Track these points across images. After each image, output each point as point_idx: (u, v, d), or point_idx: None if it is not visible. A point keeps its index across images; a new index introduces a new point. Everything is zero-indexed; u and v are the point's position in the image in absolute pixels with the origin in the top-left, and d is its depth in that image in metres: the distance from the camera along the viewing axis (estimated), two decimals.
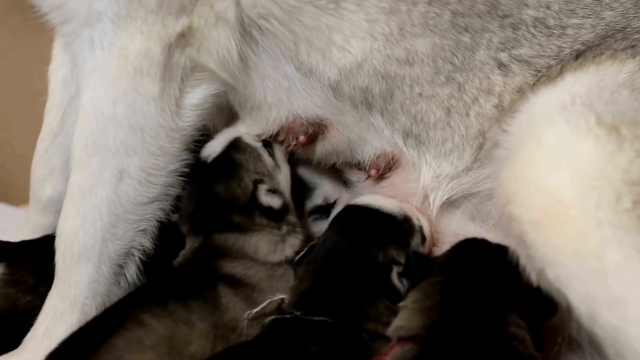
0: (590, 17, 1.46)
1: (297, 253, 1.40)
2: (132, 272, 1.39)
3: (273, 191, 1.40)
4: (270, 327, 1.25)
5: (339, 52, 1.41)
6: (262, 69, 1.44)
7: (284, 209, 1.41)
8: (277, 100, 1.47)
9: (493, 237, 1.30)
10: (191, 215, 1.42)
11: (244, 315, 1.31)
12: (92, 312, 1.35)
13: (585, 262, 1.14)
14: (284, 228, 1.41)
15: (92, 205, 1.33)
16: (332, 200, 1.59)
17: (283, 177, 1.46)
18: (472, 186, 1.48)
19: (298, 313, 1.25)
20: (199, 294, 1.29)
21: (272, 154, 1.47)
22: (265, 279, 1.36)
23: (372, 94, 1.45)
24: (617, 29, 1.45)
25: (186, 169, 1.41)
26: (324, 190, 1.60)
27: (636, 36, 1.44)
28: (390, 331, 1.18)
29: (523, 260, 1.21)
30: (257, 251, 1.38)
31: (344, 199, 1.59)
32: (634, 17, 1.47)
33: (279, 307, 1.33)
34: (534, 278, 1.18)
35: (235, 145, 1.44)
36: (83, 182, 1.34)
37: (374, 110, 1.47)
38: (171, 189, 1.40)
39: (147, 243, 1.39)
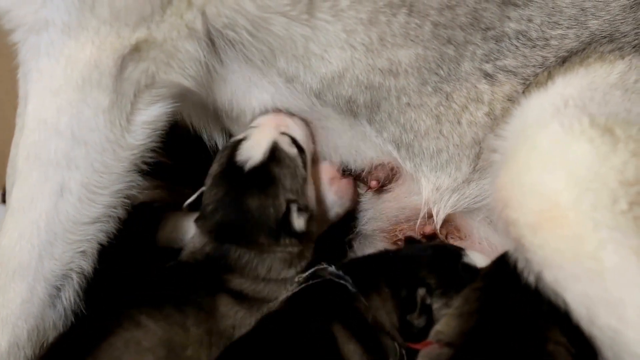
0: (574, 28, 1.46)
1: (308, 264, 1.39)
2: (69, 295, 1.31)
3: (302, 209, 1.36)
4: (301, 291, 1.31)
5: (318, 62, 1.40)
6: (243, 76, 1.43)
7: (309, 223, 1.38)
8: (262, 105, 1.46)
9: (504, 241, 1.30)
10: (218, 224, 1.36)
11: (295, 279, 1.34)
12: (23, 335, 1.28)
13: (582, 264, 1.14)
14: (303, 243, 1.38)
15: (30, 221, 1.27)
16: None
17: (310, 188, 1.43)
18: (477, 197, 1.48)
19: (329, 276, 1.29)
20: (195, 300, 1.27)
21: (305, 163, 1.42)
22: (275, 290, 1.35)
23: (356, 104, 1.44)
24: (603, 36, 1.46)
25: (132, 192, 1.34)
26: None
27: (624, 39, 1.45)
28: (432, 335, 1.21)
29: (522, 264, 1.21)
30: (270, 271, 1.35)
31: None
32: (622, 22, 1.47)
33: (316, 271, 1.35)
34: (532, 281, 1.19)
35: (276, 155, 1.38)
36: (24, 195, 1.28)
37: (361, 118, 1.46)
38: (114, 210, 1.33)
39: (86, 266, 1.32)
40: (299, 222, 1.34)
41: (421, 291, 1.29)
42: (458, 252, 1.39)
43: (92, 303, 1.33)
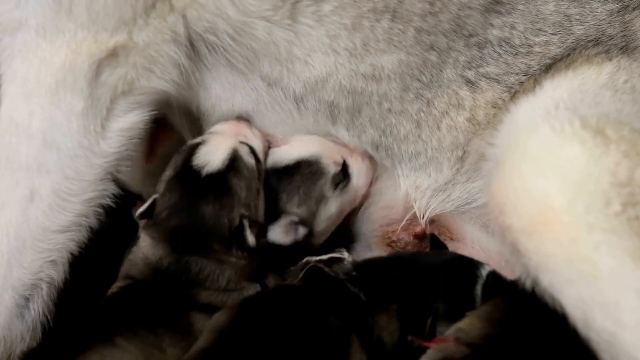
0: (558, 34, 1.46)
1: (257, 273, 1.38)
2: (37, 306, 1.28)
3: (253, 222, 1.34)
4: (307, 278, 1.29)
5: (302, 66, 1.40)
6: (227, 81, 1.42)
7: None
8: (243, 111, 1.46)
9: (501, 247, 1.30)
10: (172, 231, 1.32)
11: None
12: None
13: (577, 267, 1.14)
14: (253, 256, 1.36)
15: (0, 227, 1.25)
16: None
17: (261, 200, 1.40)
18: (467, 200, 1.48)
19: (343, 276, 1.28)
20: (168, 322, 1.24)
21: (260, 174, 1.41)
22: (237, 297, 1.32)
23: (338, 109, 1.44)
24: (589, 40, 1.46)
25: (104, 201, 1.31)
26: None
27: (611, 42, 1.45)
28: (451, 331, 1.21)
29: (518, 270, 1.21)
30: (230, 282, 1.33)
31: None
32: (609, 26, 1.47)
33: (330, 263, 1.34)
34: (529, 286, 1.18)
35: (235, 165, 1.35)
36: None
37: (339, 124, 1.46)
38: (86, 219, 1.30)
39: (56, 276, 1.29)
40: (251, 238, 1.32)
41: (430, 320, 1.28)
42: (474, 271, 1.36)
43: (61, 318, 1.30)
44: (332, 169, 1.46)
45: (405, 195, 1.50)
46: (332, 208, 1.47)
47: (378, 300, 1.27)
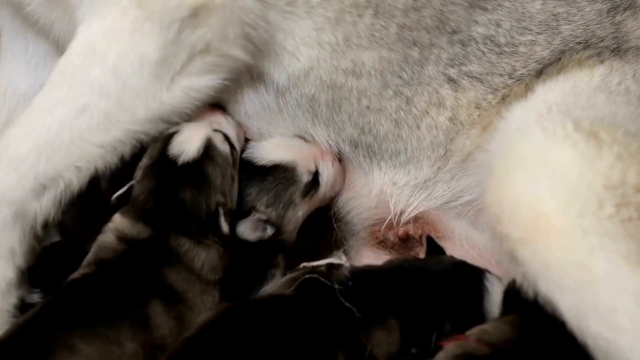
0: (544, 33, 1.45)
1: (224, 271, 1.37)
2: (49, 200, 1.33)
3: (228, 211, 1.36)
4: (301, 288, 1.29)
5: (289, 59, 1.41)
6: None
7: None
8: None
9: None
10: (151, 210, 1.35)
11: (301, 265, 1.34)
12: (7, 219, 1.32)
13: (572, 273, 1.13)
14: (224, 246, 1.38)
15: (43, 123, 1.30)
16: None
17: (235, 188, 1.41)
18: (452, 197, 1.48)
19: (337, 287, 1.27)
20: (128, 313, 1.24)
21: (234, 161, 1.42)
22: (198, 294, 1.33)
23: (318, 103, 1.45)
24: (577, 42, 1.45)
25: (145, 137, 1.35)
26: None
27: (602, 44, 1.44)
28: (473, 331, 1.21)
29: (519, 279, 1.20)
30: (203, 267, 1.34)
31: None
32: (598, 27, 1.46)
33: (328, 270, 1.34)
34: (530, 294, 1.18)
35: (209, 153, 1.37)
36: (46, 101, 1.32)
37: (319, 120, 1.46)
38: (122, 145, 1.34)
39: (75, 182, 1.33)
40: (225, 225, 1.34)
41: (435, 335, 1.27)
42: (479, 284, 1.34)
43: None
44: (305, 178, 1.46)
45: (383, 194, 1.50)
46: (298, 212, 1.47)
47: (375, 314, 1.26)
